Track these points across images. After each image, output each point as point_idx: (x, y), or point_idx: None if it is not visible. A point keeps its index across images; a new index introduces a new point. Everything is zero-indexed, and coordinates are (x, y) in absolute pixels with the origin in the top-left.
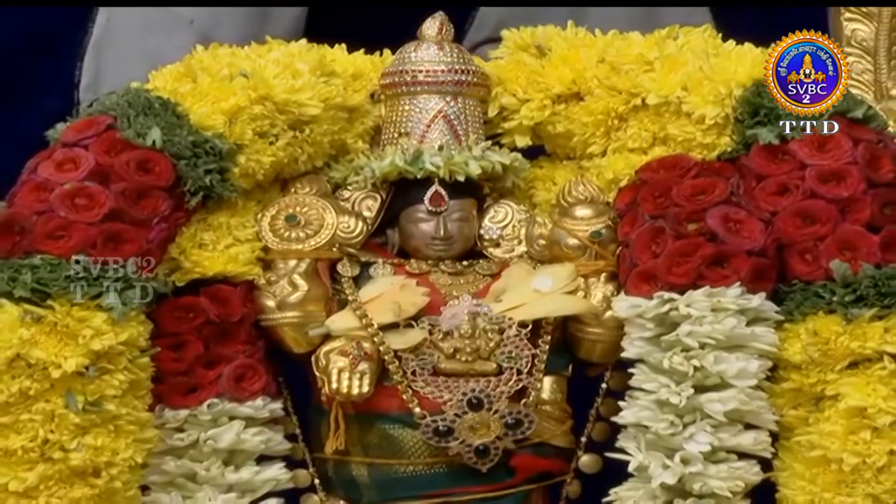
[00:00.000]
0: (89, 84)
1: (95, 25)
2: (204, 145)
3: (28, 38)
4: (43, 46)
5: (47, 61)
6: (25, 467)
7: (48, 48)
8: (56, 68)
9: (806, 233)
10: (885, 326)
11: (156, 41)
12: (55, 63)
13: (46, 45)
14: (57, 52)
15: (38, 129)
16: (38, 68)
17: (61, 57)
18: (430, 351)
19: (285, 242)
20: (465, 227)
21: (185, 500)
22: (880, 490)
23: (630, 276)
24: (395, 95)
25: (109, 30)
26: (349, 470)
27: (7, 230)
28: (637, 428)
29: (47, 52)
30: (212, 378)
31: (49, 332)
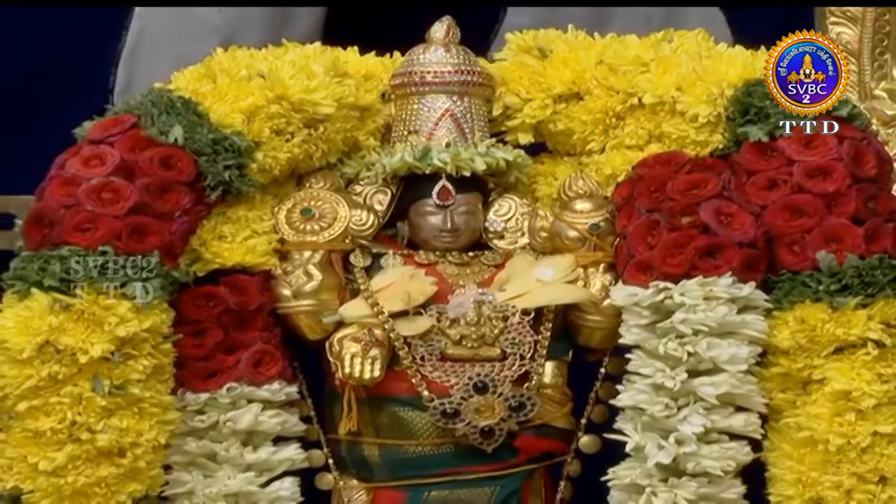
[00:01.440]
0: (123, 89)
1: (129, 33)
2: (223, 142)
3: (66, 45)
4: (80, 53)
5: (84, 67)
6: (54, 448)
7: (85, 55)
8: (92, 74)
9: (794, 225)
10: (869, 314)
11: (185, 48)
12: (91, 69)
13: (83, 52)
14: (93, 58)
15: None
16: (75, 74)
17: (97, 63)
18: (438, 337)
19: (300, 234)
20: (470, 220)
21: (205, 478)
22: (864, 469)
23: (627, 266)
24: (405, 95)
25: (142, 37)
26: (361, 450)
27: (37, 223)
28: (634, 410)
29: (84, 59)
30: (231, 363)
31: (77, 319)
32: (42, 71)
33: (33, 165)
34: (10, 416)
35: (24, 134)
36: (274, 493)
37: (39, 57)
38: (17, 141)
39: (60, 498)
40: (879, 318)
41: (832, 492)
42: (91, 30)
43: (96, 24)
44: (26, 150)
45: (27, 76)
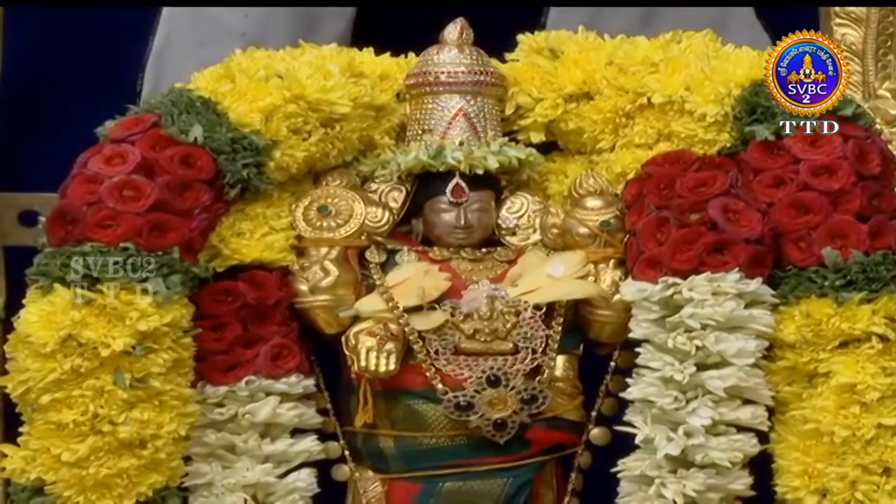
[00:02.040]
0: (150, 92)
1: (156, 38)
2: (242, 141)
3: (94, 49)
4: (108, 57)
5: (112, 71)
6: (77, 439)
7: (113, 59)
8: (120, 77)
9: (800, 222)
10: (873, 309)
11: (211, 53)
12: (119, 72)
13: (111, 55)
14: (121, 62)
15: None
16: (103, 77)
17: (125, 67)
18: (452, 331)
19: (317, 231)
20: (483, 217)
21: (224, 470)
22: (868, 461)
23: (637, 262)
24: (419, 95)
25: (168, 42)
26: (377, 442)
27: (60, 220)
28: (643, 403)
29: (112, 63)
30: (249, 357)
31: (98, 314)
32: (70, 74)
33: (60, 165)
34: (34, 409)
35: (53, 135)
36: (291, 484)
37: (68, 60)
38: (44, 142)
39: (82, 489)
40: (883, 313)
41: (837, 483)
42: (119, 34)
43: (124, 29)
44: (54, 151)
45: (55, 79)
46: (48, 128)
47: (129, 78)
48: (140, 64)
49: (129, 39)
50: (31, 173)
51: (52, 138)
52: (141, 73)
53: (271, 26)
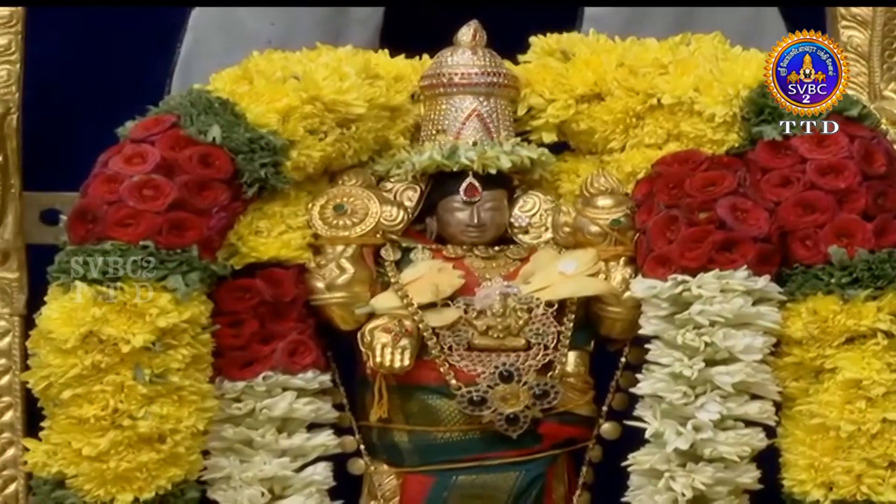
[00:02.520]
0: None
1: (183, 45)
2: (259, 141)
3: (124, 56)
4: (135, 64)
5: (139, 78)
6: (97, 434)
7: (140, 66)
8: (148, 84)
9: (806, 221)
10: (879, 306)
11: (237, 60)
12: (146, 79)
13: (138, 62)
14: (148, 69)
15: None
16: (133, 84)
17: (152, 73)
18: (465, 328)
19: (333, 229)
20: (496, 216)
21: (242, 464)
22: (874, 455)
23: (647, 260)
24: (433, 96)
25: (196, 49)
26: (392, 436)
27: (81, 218)
28: (653, 398)
29: (139, 70)
30: (267, 353)
31: (119, 311)
32: (98, 79)
33: (83, 166)
34: (55, 404)
35: (77, 139)
36: (308, 477)
37: (96, 66)
38: (68, 144)
39: (103, 482)
40: (888, 310)
41: (843, 476)
42: (147, 40)
43: (152, 35)
44: (82, 156)
45: (82, 83)
46: (73, 131)
47: (156, 84)
48: (168, 70)
49: (157, 46)
50: (54, 173)
51: (77, 142)
52: (169, 79)
53: (297, 34)
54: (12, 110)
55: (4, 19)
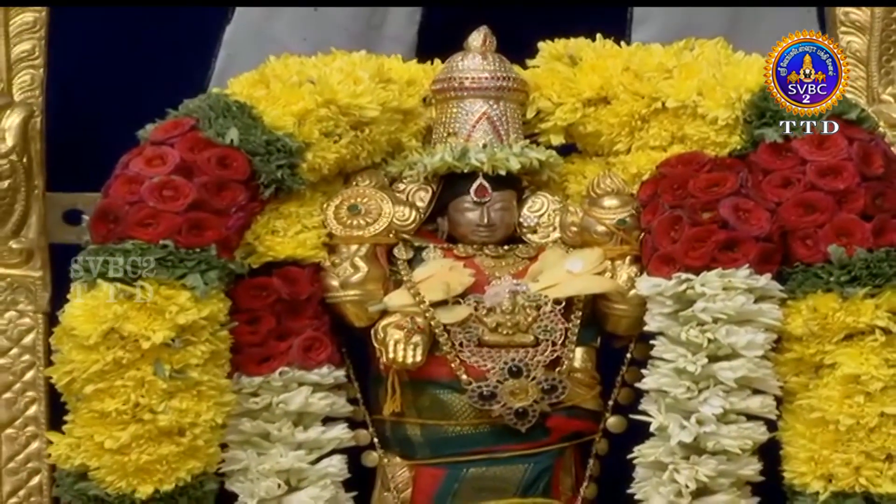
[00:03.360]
0: None
1: (217, 60)
2: (276, 143)
3: (163, 66)
4: (175, 73)
5: (180, 85)
6: (119, 427)
7: (175, 80)
8: (188, 92)
9: (807, 221)
10: (877, 303)
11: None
12: (187, 87)
13: (178, 72)
14: (182, 83)
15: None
16: (173, 91)
17: (186, 88)
18: (476, 325)
19: (348, 229)
20: (506, 216)
21: (259, 456)
22: (872, 448)
23: (651, 259)
24: (445, 99)
25: (232, 59)
26: (404, 430)
27: (102, 218)
28: (658, 393)
29: (180, 78)
30: (283, 349)
31: (139, 308)
32: (120, 84)
33: (108, 170)
34: (78, 399)
35: (102, 142)
36: (323, 469)
37: (119, 70)
38: (94, 148)
39: (124, 474)
40: (886, 307)
41: (842, 468)
42: (181, 54)
43: (187, 49)
44: (104, 158)
45: (105, 89)
46: (95, 134)
47: (179, 88)
48: (203, 86)
49: (192, 62)
50: (76, 174)
51: (98, 144)
52: (202, 94)
53: (330, 50)
54: (36, 114)
55: (28, 25)
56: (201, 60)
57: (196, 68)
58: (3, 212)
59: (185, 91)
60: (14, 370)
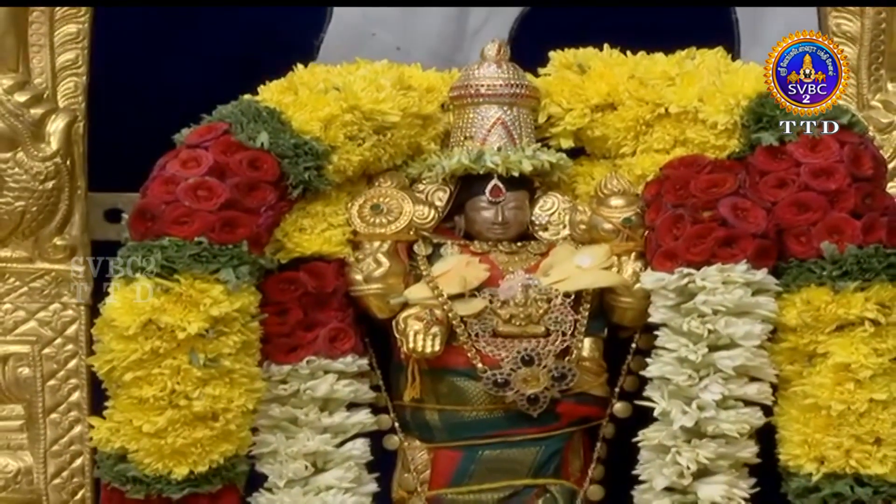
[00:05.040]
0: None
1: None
2: (303, 147)
3: (184, 72)
4: (198, 77)
5: (197, 88)
6: (156, 413)
7: (202, 79)
8: (202, 96)
9: (801, 219)
10: (866, 296)
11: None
12: (210, 91)
13: (200, 76)
14: (210, 84)
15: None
16: (188, 95)
17: (215, 88)
18: (490, 316)
19: (371, 227)
20: (519, 214)
21: (287, 440)
22: (862, 432)
23: (655, 254)
24: (462, 105)
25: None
26: (423, 415)
27: (141, 217)
28: (661, 380)
29: (200, 83)
30: (310, 339)
31: (175, 301)
32: (160, 91)
33: (146, 172)
34: (118, 386)
35: (141, 145)
36: (347, 452)
37: (158, 78)
38: (133, 150)
39: (161, 457)
40: (875, 300)
41: (834, 451)
42: (286, 57)
43: (290, 54)
44: (142, 160)
45: (145, 96)
46: (134, 137)
47: (212, 97)
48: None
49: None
50: (116, 175)
51: (137, 147)
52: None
53: (418, 43)
54: (79, 119)
55: (72, 36)
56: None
57: (221, 70)
58: (48, 211)
59: (214, 90)
60: (58, 359)
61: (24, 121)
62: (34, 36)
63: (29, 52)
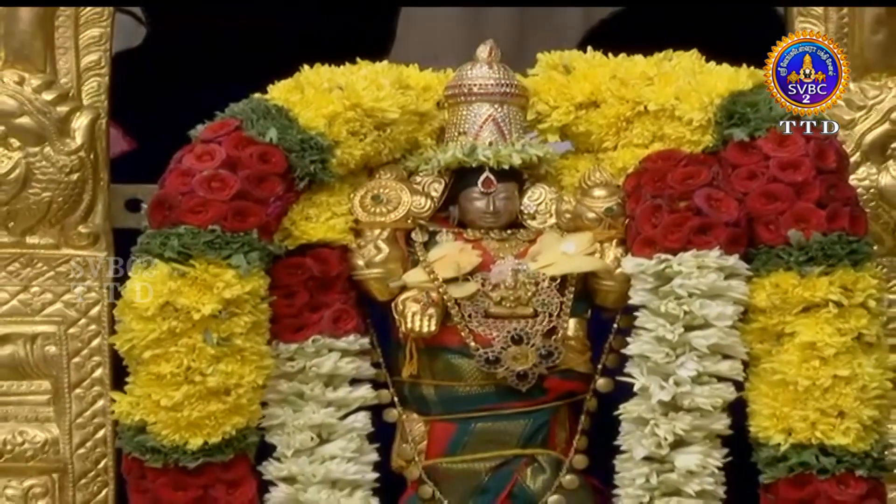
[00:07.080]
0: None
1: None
2: (309, 142)
3: (200, 73)
4: (210, 79)
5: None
6: (173, 388)
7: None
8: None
9: (770, 208)
10: (830, 280)
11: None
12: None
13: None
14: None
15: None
16: (204, 94)
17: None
18: (483, 299)
19: (371, 216)
20: (509, 204)
21: (294, 413)
22: (826, 405)
23: (635, 241)
24: (456, 104)
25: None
26: (420, 390)
27: (159, 206)
28: (640, 357)
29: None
30: (315, 319)
31: (191, 284)
32: (179, 90)
33: (164, 165)
34: (138, 363)
35: (160, 139)
36: (350, 424)
37: (177, 79)
38: (153, 144)
39: (177, 428)
40: (839, 284)
41: (800, 423)
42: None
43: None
44: (161, 154)
45: (163, 92)
46: (153, 132)
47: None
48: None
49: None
50: (137, 168)
51: (156, 141)
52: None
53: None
54: (102, 116)
55: (95, 39)
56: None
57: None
58: (73, 201)
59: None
60: (82, 338)
61: (50, 118)
62: (60, 39)
63: (55, 53)
